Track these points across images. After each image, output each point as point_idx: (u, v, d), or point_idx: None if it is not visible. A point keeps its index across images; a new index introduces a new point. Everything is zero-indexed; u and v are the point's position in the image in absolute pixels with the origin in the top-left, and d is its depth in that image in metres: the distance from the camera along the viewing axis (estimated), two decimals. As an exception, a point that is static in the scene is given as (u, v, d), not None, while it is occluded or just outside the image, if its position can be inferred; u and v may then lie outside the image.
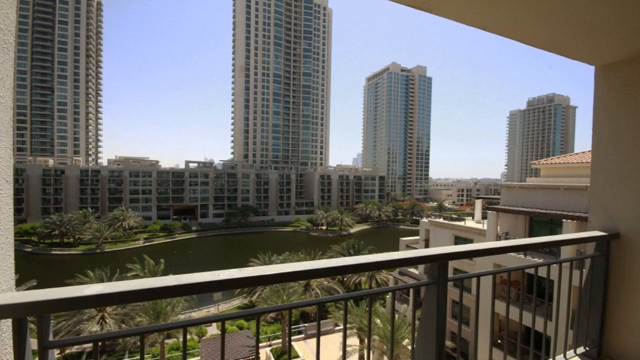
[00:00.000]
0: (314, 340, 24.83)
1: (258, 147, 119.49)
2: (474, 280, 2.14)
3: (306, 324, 28.44)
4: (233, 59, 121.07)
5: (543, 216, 17.67)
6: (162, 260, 34.93)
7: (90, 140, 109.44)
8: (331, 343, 23.05)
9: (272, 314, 29.70)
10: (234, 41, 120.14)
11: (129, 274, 32.43)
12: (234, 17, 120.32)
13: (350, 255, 24.85)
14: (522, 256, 17.05)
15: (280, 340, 26.10)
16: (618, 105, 2.67)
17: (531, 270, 3.60)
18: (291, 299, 24.69)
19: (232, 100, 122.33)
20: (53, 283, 33.34)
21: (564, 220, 16.47)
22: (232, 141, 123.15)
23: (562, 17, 1.90)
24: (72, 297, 1.13)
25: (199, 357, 21.51)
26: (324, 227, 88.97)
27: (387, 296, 29.97)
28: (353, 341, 20.78)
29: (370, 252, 36.69)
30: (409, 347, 18.23)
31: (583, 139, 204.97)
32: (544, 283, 14.87)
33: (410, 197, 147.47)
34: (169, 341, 26.36)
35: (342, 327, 20.75)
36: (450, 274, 1.95)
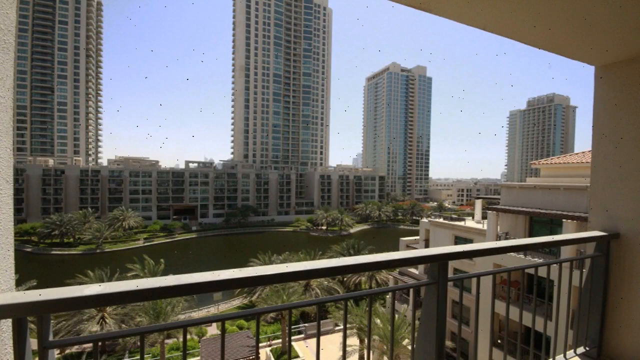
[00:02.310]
0: (314, 340, 24.81)
1: (258, 147, 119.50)
2: (474, 280, 2.14)
3: (306, 324, 28.44)
4: (233, 59, 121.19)
5: (543, 216, 17.67)
6: (162, 260, 34.93)
7: (90, 140, 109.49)
8: (331, 343, 23.05)
9: (272, 314, 29.70)
10: (234, 41, 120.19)
11: (129, 274, 32.43)
12: (234, 17, 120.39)
13: (350, 255, 24.84)
14: (522, 256, 17.04)
15: (280, 340, 26.10)
16: (618, 105, 2.67)
17: (531, 270, 3.59)
18: (291, 299, 24.69)
19: (232, 100, 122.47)
20: (53, 283, 33.32)
21: (564, 220, 16.47)
22: (232, 141, 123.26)
23: (562, 17, 1.90)
24: (72, 297, 1.13)
25: (199, 357, 21.50)
26: (324, 227, 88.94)
27: (387, 296, 29.96)
28: (353, 341, 20.78)
29: (370, 252, 36.66)
30: (409, 347, 18.22)
31: (583, 139, 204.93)
32: (544, 283, 14.86)
33: (410, 197, 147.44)
34: (169, 341, 26.36)
35: (342, 327, 20.76)
36: (450, 274, 1.95)
